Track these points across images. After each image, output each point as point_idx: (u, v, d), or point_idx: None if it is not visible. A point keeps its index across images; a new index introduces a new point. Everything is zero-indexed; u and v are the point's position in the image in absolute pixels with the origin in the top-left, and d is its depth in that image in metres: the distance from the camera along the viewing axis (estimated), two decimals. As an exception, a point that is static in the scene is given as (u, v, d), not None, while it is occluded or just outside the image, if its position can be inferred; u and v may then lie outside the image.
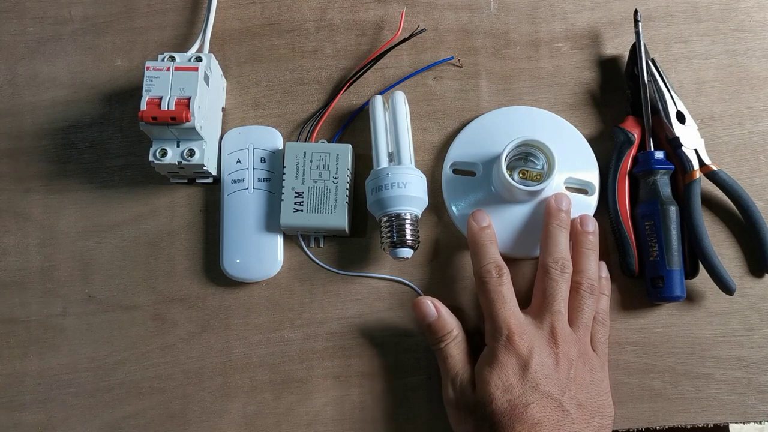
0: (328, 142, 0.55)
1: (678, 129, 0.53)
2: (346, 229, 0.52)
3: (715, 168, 0.52)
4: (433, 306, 0.50)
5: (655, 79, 0.54)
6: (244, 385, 0.53)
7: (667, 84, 0.54)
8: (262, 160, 0.54)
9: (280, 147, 0.55)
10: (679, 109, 0.54)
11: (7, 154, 0.57)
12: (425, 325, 0.50)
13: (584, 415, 0.46)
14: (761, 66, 0.57)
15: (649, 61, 0.54)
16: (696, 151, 0.53)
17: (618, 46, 0.57)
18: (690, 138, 0.53)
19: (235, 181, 0.54)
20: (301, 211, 0.52)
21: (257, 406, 0.52)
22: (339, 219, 0.52)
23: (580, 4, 0.58)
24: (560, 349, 0.47)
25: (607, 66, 0.57)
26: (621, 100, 0.56)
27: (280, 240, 0.54)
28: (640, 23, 0.54)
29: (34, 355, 0.53)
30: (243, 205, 0.53)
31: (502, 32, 0.58)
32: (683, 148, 0.53)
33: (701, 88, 0.56)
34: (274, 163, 0.54)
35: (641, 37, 0.54)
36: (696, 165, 0.53)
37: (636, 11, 0.55)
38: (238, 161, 0.54)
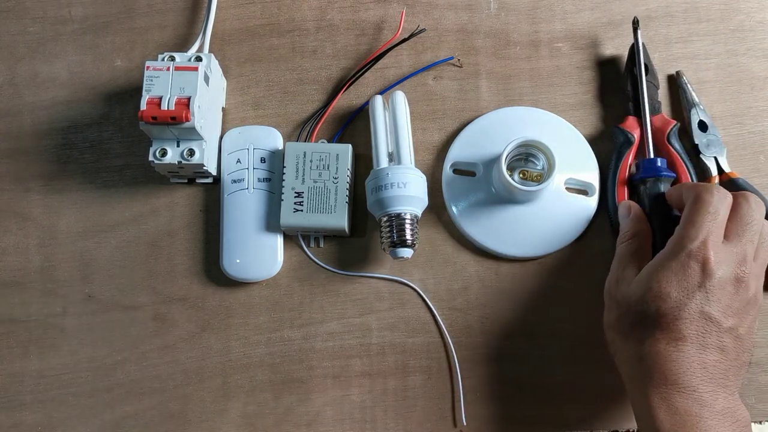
0: (328, 142, 0.55)
1: (698, 137, 0.54)
2: (346, 229, 0.52)
3: (733, 176, 0.53)
4: (627, 208, 0.51)
5: (685, 91, 0.55)
6: (244, 385, 0.53)
7: (693, 95, 0.55)
8: (262, 160, 0.54)
9: (280, 147, 0.55)
10: (701, 118, 0.54)
11: (7, 154, 0.57)
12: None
13: (738, 347, 0.44)
14: (761, 66, 0.57)
15: (677, 73, 0.56)
16: (716, 159, 0.54)
17: (618, 46, 0.57)
18: (710, 146, 0.54)
19: (235, 181, 0.54)
20: (301, 211, 0.52)
21: (257, 406, 0.52)
22: (339, 219, 0.52)
23: (580, 4, 0.58)
24: (745, 278, 0.44)
25: (607, 66, 0.57)
26: (621, 100, 0.56)
27: (280, 240, 0.54)
28: (639, 31, 0.54)
29: (34, 355, 0.53)
30: (243, 205, 0.53)
31: (502, 32, 0.58)
32: (702, 156, 0.54)
33: (701, 88, 0.56)
34: (274, 163, 0.54)
35: (640, 44, 0.54)
36: (714, 172, 0.53)
37: (635, 20, 0.55)
38: (238, 161, 0.54)
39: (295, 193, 0.52)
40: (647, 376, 0.43)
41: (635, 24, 0.55)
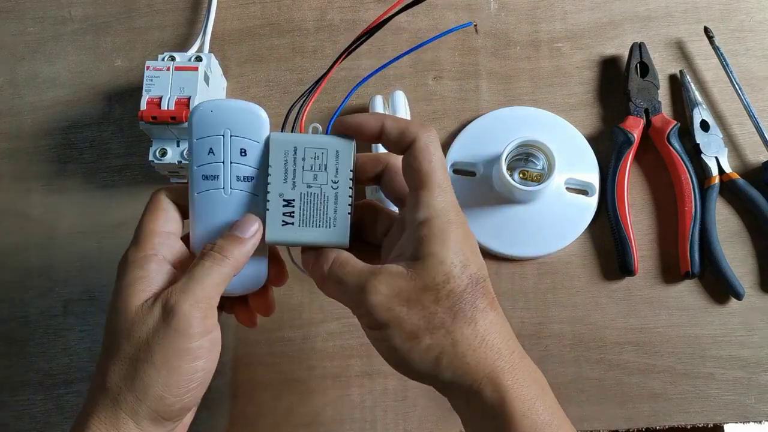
0: (323, 131, 0.53)
1: (699, 136, 0.54)
2: (348, 245, 0.41)
3: (734, 177, 0.53)
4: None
5: (688, 90, 0.55)
6: (245, 385, 0.53)
7: (696, 94, 0.55)
8: (243, 152, 0.40)
9: (266, 134, 0.40)
10: (704, 118, 0.55)
11: (7, 154, 0.57)
12: None
13: None
14: (761, 66, 0.57)
15: (681, 72, 0.56)
16: (717, 158, 0.54)
17: (618, 46, 0.57)
18: (711, 146, 0.54)
19: (207, 177, 0.40)
20: (292, 224, 0.39)
21: (257, 406, 0.52)
22: (340, 234, 0.39)
23: (580, 4, 0.58)
24: None
25: (607, 66, 0.57)
26: (621, 100, 0.56)
27: (264, 252, 0.42)
28: (714, 39, 0.56)
29: (34, 355, 0.53)
30: (218, 210, 0.40)
31: (502, 32, 0.58)
32: (703, 156, 0.54)
33: (702, 88, 0.56)
34: (258, 156, 0.40)
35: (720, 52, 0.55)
36: (715, 171, 0.54)
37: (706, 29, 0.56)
38: (211, 152, 0.40)
39: (284, 201, 0.39)
40: None
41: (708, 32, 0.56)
